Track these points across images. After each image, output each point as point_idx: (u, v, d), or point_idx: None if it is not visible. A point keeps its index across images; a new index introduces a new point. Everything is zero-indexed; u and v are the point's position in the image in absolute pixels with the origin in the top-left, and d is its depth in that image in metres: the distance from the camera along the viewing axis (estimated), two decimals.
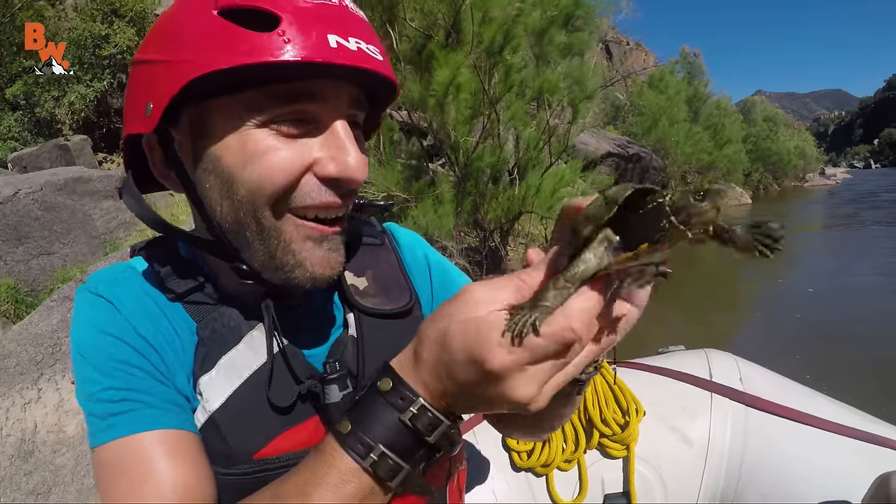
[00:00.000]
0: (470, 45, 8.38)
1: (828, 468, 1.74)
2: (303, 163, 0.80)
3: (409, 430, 0.66)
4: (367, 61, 0.78)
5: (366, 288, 1.04)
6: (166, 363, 0.87)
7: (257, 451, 0.87)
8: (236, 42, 0.74)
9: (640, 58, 37.90)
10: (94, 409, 0.82)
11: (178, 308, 0.91)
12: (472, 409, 0.67)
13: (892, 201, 30.32)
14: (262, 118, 0.78)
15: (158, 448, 0.79)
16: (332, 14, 0.78)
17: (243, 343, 0.90)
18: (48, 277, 6.34)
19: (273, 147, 0.78)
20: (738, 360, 2.14)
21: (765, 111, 44.47)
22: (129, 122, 0.85)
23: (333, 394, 0.91)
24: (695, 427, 1.98)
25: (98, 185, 7.61)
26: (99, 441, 0.81)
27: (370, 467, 0.66)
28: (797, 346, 6.94)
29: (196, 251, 0.99)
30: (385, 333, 1.01)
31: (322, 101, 0.80)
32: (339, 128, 0.82)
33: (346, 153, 0.80)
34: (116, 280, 0.92)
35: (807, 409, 1.88)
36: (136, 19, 11.64)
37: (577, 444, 1.99)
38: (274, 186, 0.79)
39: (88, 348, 0.85)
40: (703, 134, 24.16)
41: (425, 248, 1.23)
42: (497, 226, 9.21)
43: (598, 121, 16.52)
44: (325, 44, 0.75)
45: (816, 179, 58.54)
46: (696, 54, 28.59)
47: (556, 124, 9.96)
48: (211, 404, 0.86)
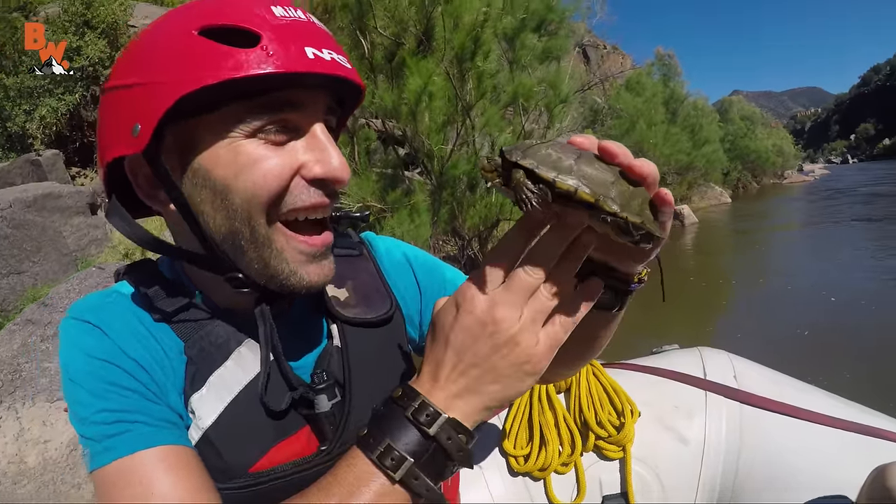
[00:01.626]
0: (442, 52, 8.37)
1: (824, 461, 1.74)
2: (291, 167, 0.84)
3: (411, 423, 0.72)
4: (341, 69, 0.84)
5: (346, 299, 1.09)
6: (157, 383, 0.89)
7: (252, 464, 0.90)
8: (222, 59, 0.78)
9: (618, 61, 38.11)
10: (90, 433, 0.83)
11: (166, 328, 0.93)
12: (486, 375, 0.71)
13: (870, 195, 30.72)
14: (250, 129, 0.82)
15: (159, 465, 0.81)
16: (304, 29, 0.84)
17: (231, 360, 0.93)
18: (18, 297, 6.24)
19: (264, 155, 0.83)
20: (732, 357, 2.15)
21: (742, 110, 44.77)
22: (111, 146, 0.86)
23: (322, 404, 0.95)
24: (690, 426, 1.99)
25: (69, 200, 7.50)
26: (98, 463, 0.82)
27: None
28: (788, 340, 6.99)
29: (179, 270, 1.02)
30: (368, 342, 1.06)
31: (302, 108, 0.85)
32: (319, 132, 0.87)
33: (329, 155, 0.86)
34: (102, 305, 0.94)
35: (802, 403, 1.89)
36: (108, 31, 11.56)
37: (574, 447, 2.00)
38: (269, 192, 0.83)
39: (79, 373, 0.86)
40: (681, 134, 24.24)
41: (403, 247, 1.28)
42: (475, 234, 9.22)
43: (577, 125, 16.54)
44: (303, 56, 0.80)
45: (795, 176, 59.02)
46: (671, 55, 28.72)
47: (533, 129, 9.96)
48: (204, 421, 0.89)
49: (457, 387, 0.72)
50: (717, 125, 32.39)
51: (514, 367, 0.70)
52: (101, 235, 7.71)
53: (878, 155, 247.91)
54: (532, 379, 0.72)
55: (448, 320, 0.73)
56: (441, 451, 0.71)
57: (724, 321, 8.71)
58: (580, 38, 21.76)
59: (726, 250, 15.71)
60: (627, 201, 0.65)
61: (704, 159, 26.32)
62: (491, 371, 0.71)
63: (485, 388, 0.72)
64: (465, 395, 0.72)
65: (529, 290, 0.69)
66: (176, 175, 0.87)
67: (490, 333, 0.69)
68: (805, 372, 2.08)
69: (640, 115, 21.44)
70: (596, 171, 0.65)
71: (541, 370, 0.72)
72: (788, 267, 12.32)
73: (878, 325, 7.36)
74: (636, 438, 1.99)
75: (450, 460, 0.72)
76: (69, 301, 4.30)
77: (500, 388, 0.72)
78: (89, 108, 12.07)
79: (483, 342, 0.70)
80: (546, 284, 0.70)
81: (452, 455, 0.71)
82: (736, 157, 38.11)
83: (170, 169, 0.86)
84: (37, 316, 4.18)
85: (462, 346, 0.71)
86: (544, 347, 0.71)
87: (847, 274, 10.96)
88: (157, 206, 0.93)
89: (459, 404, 0.72)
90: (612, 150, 0.68)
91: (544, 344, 0.71)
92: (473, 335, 0.70)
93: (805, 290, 9.68)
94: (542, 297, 0.70)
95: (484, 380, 0.71)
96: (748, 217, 23.54)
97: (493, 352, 0.70)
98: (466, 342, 0.71)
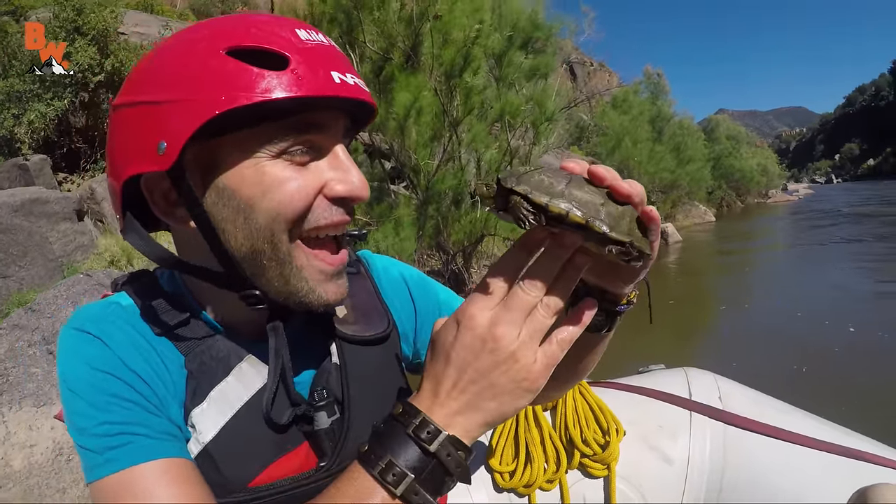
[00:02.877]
0: (430, 68, 8.42)
1: (807, 483, 1.75)
2: (316, 187, 0.86)
3: (413, 440, 0.72)
4: (362, 94, 0.86)
5: (345, 316, 1.10)
6: (158, 396, 0.89)
7: (252, 479, 0.91)
8: (254, 80, 0.79)
9: (604, 78, 38.35)
10: (90, 444, 0.83)
11: (166, 342, 0.94)
12: (486, 392, 0.72)
13: (856, 215, 30.63)
14: (276, 149, 0.84)
15: (161, 477, 0.81)
16: (327, 53, 0.86)
17: (232, 375, 0.94)
18: (3, 301, 6.24)
19: (289, 176, 0.84)
20: (717, 377, 2.14)
21: (728, 129, 44.96)
22: (131, 162, 0.85)
23: (322, 420, 0.97)
24: (675, 446, 1.98)
25: (56, 206, 7.50)
26: (98, 475, 0.82)
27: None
28: (775, 361, 6.94)
29: (180, 283, 1.02)
30: (366, 359, 1.08)
31: (325, 130, 0.87)
32: (341, 152, 0.89)
33: (351, 174, 0.88)
34: (103, 316, 0.93)
35: (785, 425, 1.89)
36: (99, 38, 11.49)
37: (559, 465, 1.99)
38: (294, 211, 0.84)
39: (79, 384, 0.86)
40: (666, 153, 24.39)
41: (400, 267, 1.30)
42: (460, 248, 9.25)
43: (563, 141, 16.64)
44: (330, 80, 0.82)
45: (779, 195, 59.30)
46: (660, 74, 28.92)
47: (519, 146, 10.02)
48: (204, 436, 0.90)
49: (457, 403, 0.73)
50: (702, 144, 32.50)
51: (513, 382, 0.71)
52: (87, 242, 7.71)
53: (863, 175, 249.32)
54: (530, 396, 0.73)
55: (448, 338, 0.74)
56: (441, 467, 0.72)
57: (709, 343, 8.63)
58: (567, 55, 21.87)
59: (710, 271, 15.57)
60: (616, 221, 0.69)
61: (689, 177, 26.45)
62: (490, 387, 0.72)
63: (484, 405, 0.73)
64: (465, 412, 0.73)
65: (528, 308, 0.71)
66: (198, 193, 0.87)
67: (490, 350, 0.70)
68: (787, 394, 2.12)
69: (626, 133, 21.54)
70: (586, 194, 0.69)
71: (538, 388, 0.73)
72: (773, 289, 12.17)
73: (868, 350, 7.28)
74: (621, 457, 1.98)
75: (449, 476, 0.73)
76: (56, 307, 4.34)
77: (498, 404, 0.73)
78: (77, 114, 12.03)
79: (483, 358, 0.71)
80: (543, 304, 0.71)
81: (451, 471, 0.72)
82: (721, 175, 38.26)
83: (192, 186, 0.87)
84: (24, 321, 4.20)
85: (463, 363, 0.72)
86: (542, 365, 0.72)
87: (827, 295, 10.84)
88: (172, 223, 0.93)
89: (460, 420, 0.73)
90: (601, 174, 0.72)
91: (541, 362, 0.72)
92: (474, 351, 0.71)
93: (790, 313, 9.56)
94: (539, 315, 0.71)
95: (483, 396, 0.72)
96: (732, 237, 23.41)
97: (494, 367, 0.71)
98: (467, 358, 0.72)
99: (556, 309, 0.72)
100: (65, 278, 6.44)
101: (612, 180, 0.72)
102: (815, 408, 2.03)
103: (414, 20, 8.60)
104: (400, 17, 8.71)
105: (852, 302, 10.16)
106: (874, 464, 1.70)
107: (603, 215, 0.68)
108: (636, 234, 0.72)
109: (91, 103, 11.87)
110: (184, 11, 24.10)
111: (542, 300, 0.71)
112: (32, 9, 13.34)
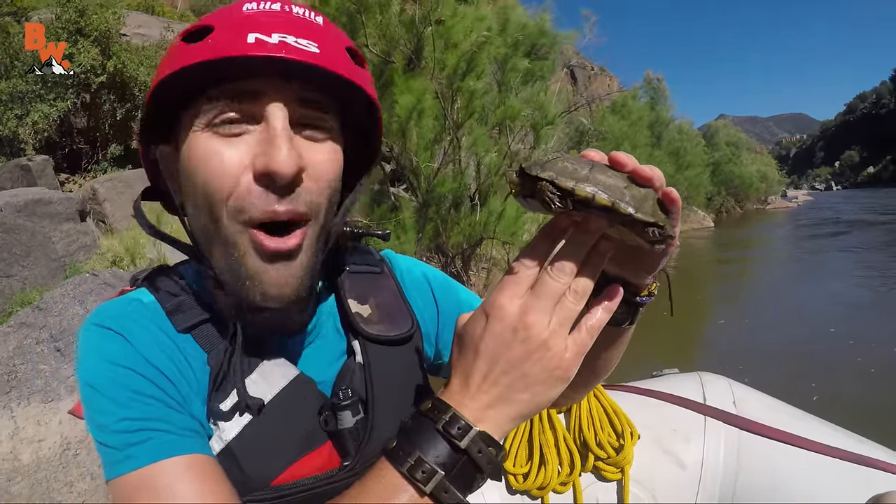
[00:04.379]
0: (431, 72, 8.46)
1: (821, 490, 1.73)
2: (241, 162, 0.80)
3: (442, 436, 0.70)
4: (288, 51, 0.78)
5: (370, 315, 1.07)
6: (181, 392, 0.87)
7: (274, 478, 0.89)
8: (178, 56, 0.80)
9: (605, 82, 38.29)
10: (111, 441, 0.81)
11: (188, 338, 0.92)
12: (518, 382, 0.70)
13: (855, 223, 30.73)
14: (205, 120, 0.81)
15: (183, 474, 0.79)
16: (264, 18, 0.81)
17: (256, 373, 0.92)
18: (6, 300, 6.28)
19: (215, 150, 0.81)
20: (731, 382, 2.14)
21: (727, 135, 44.93)
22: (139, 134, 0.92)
23: (346, 419, 0.94)
24: (689, 450, 1.98)
25: (59, 207, 7.56)
26: (119, 472, 0.80)
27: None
28: (785, 369, 7.00)
29: (206, 278, 1.00)
30: (390, 359, 1.05)
31: (259, 97, 0.81)
32: (273, 121, 0.81)
33: (277, 147, 0.79)
34: (125, 313, 0.91)
35: (800, 431, 1.88)
36: (101, 39, 11.52)
37: (573, 467, 1.99)
38: (220, 191, 0.80)
39: (100, 380, 0.84)
40: (665, 158, 24.37)
41: (422, 267, 1.27)
42: (459, 251, 9.28)
43: (563, 145, 16.64)
44: (241, 41, 0.77)
45: (778, 202, 59.29)
46: (660, 79, 28.95)
47: (519, 149, 10.07)
48: (227, 433, 0.88)
49: (488, 397, 0.71)
50: (701, 149, 32.55)
51: (546, 371, 0.70)
52: (89, 242, 7.77)
53: (862, 182, 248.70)
54: (562, 385, 0.72)
55: (477, 330, 0.72)
56: (471, 464, 0.70)
57: (707, 356, 8.54)
58: (568, 59, 21.92)
59: (709, 280, 15.37)
60: (640, 203, 0.69)
61: (687, 183, 26.50)
62: (523, 378, 0.70)
63: (516, 397, 0.71)
64: (496, 405, 0.71)
65: (557, 295, 0.69)
66: (175, 168, 0.90)
67: (522, 339, 0.69)
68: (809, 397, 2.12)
69: (625, 138, 21.55)
70: (609, 178, 0.69)
71: (570, 377, 0.72)
72: (772, 298, 12.12)
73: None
74: (634, 460, 1.98)
75: (479, 473, 0.71)
76: (63, 306, 4.38)
77: (531, 395, 0.71)
78: (79, 115, 12.10)
79: (515, 348, 0.69)
80: (571, 290, 0.70)
81: (483, 467, 0.70)
82: (720, 181, 38.28)
83: (171, 163, 0.91)
84: (31, 319, 4.25)
85: (494, 354, 0.70)
86: (573, 353, 0.71)
87: (825, 304, 10.88)
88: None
89: (491, 414, 0.71)
90: (622, 159, 0.72)
91: (572, 350, 0.70)
92: (505, 342, 0.69)
93: (789, 324, 9.57)
94: (568, 302, 0.70)
95: (515, 387, 0.70)
96: (732, 244, 23.43)
97: (526, 357, 0.69)
98: (499, 349, 0.70)
99: (584, 295, 0.71)
100: (67, 278, 6.49)
101: (632, 164, 0.72)
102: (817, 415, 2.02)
103: (416, 24, 8.65)
104: (401, 21, 8.75)
105: (851, 312, 10.16)
106: (888, 472, 1.69)
107: (627, 198, 0.68)
108: (659, 216, 0.72)
109: (92, 104, 11.92)
110: (185, 12, 24.15)
111: (569, 287, 0.70)
112: (34, 9, 13.36)
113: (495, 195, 9.14)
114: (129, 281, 1.04)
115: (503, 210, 8.72)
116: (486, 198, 9.14)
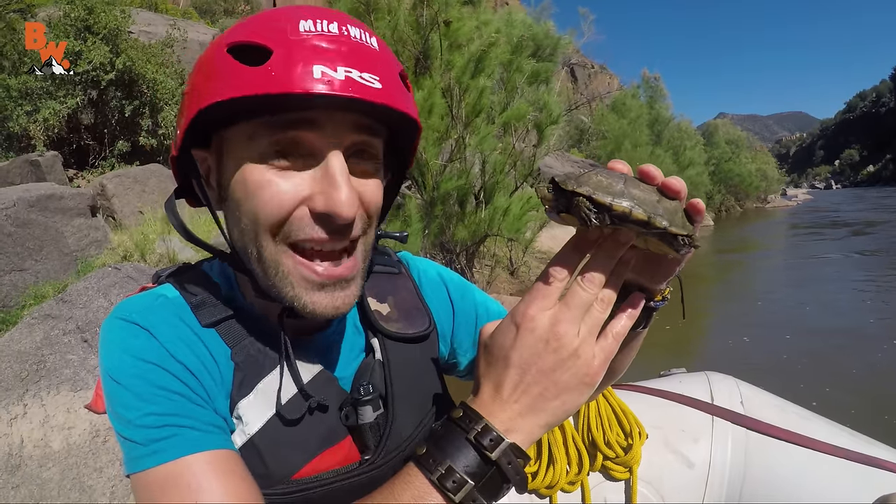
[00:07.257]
0: (440, 72, 8.55)
1: (828, 490, 1.74)
2: (295, 198, 0.82)
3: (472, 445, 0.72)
4: (359, 91, 0.79)
5: (389, 313, 1.10)
6: (205, 387, 0.88)
7: (296, 472, 0.90)
8: (233, 76, 0.79)
9: (605, 80, 38.33)
10: (135, 436, 0.81)
11: (213, 333, 0.93)
12: (549, 391, 0.72)
13: (853, 222, 30.50)
14: (259, 148, 0.82)
15: (207, 469, 0.79)
16: (326, 45, 0.80)
17: (279, 368, 0.93)
18: (20, 293, 6.35)
19: (269, 181, 0.82)
20: (739, 382, 2.14)
21: (727, 134, 44.75)
22: (175, 143, 0.94)
23: (367, 415, 0.96)
24: (696, 450, 1.99)
25: (70, 202, 7.62)
26: (143, 466, 0.80)
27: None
28: (794, 368, 7.01)
29: (231, 277, 1.04)
30: (408, 356, 1.07)
31: (319, 128, 0.82)
32: (333, 161, 0.82)
33: (337, 189, 0.81)
34: (150, 308, 0.92)
35: (807, 431, 1.89)
36: (110, 37, 11.53)
37: (581, 467, 2.00)
38: (268, 220, 0.82)
39: (125, 375, 0.84)
40: (665, 156, 24.52)
41: (438, 268, 1.29)
42: (463, 248, 9.37)
43: (563, 144, 16.75)
44: (308, 76, 0.77)
45: (778, 200, 59.24)
46: (657, 78, 28.97)
47: (522, 148, 10.16)
48: (250, 427, 0.89)
49: (519, 406, 0.72)
50: (701, 148, 32.56)
51: (576, 378, 0.72)
52: (100, 237, 7.83)
53: (862, 181, 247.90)
54: (589, 391, 0.73)
55: (507, 341, 0.73)
56: (500, 474, 0.71)
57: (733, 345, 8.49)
58: (568, 57, 22.01)
59: (713, 279, 15.12)
60: (672, 216, 0.71)
61: (687, 181, 26.35)
62: (553, 386, 0.71)
63: (547, 405, 0.72)
64: (526, 414, 0.72)
65: (586, 305, 0.71)
66: (214, 178, 0.92)
67: (554, 349, 0.70)
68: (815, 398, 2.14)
69: (626, 137, 21.58)
70: (643, 192, 0.71)
71: (597, 382, 0.73)
72: (774, 298, 11.99)
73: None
74: (642, 460, 1.99)
75: (507, 483, 0.72)
76: (87, 298, 4.50)
77: (561, 402, 0.73)
78: (87, 112, 12.16)
79: (546, 358, 0.71)
80: (598, 300, 0.72)
81: (511, 479, 0.71)
82: (720, 180, 38.29)
83: (210, 171, 0.93)
84: (56, 311, 4.35)
85: (525, 364, 0.71)
86: (600, 360, 0.73)
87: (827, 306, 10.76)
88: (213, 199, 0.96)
89: (521, 423, 0.72)
90: (652, 173, 0.73)
91: (600, 357, 0.72)
92: (537, 352, 0.71)
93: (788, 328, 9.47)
94: (595, 311, 0.72)
95: (546, 395, 0.72)
96: (732, 244, 23.30)
97: (558, 366, 0.71)
98: (530, 359, 0.71)
99: (610, 303, 0.73)
100: (80, 272, 6.60)
101: (662, 178, 0.74)
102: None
103: (423, 26, 8.75)
104: (407, 21, 8.83)
105: (850, 314, 10.12)
106: (895, 472, 1.71)
107: (661, 211, 0.70)
108: (688, 227, 0.74)
109: (100, 100, 11.98)
110: (187, 10, 24.21)
111: (597, 296, 0.72)
112: (41, 6, 13.37)
113: (499, 192, 9.23)
114: (152, 278, 1.06)
115: (508, 207, 8.82)
116: (490, 195, 9.24)
